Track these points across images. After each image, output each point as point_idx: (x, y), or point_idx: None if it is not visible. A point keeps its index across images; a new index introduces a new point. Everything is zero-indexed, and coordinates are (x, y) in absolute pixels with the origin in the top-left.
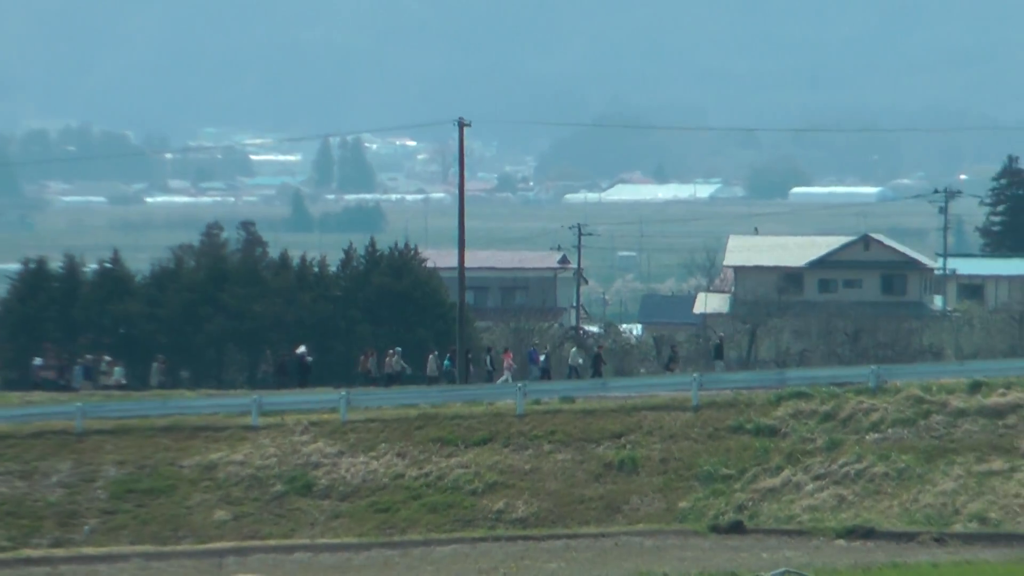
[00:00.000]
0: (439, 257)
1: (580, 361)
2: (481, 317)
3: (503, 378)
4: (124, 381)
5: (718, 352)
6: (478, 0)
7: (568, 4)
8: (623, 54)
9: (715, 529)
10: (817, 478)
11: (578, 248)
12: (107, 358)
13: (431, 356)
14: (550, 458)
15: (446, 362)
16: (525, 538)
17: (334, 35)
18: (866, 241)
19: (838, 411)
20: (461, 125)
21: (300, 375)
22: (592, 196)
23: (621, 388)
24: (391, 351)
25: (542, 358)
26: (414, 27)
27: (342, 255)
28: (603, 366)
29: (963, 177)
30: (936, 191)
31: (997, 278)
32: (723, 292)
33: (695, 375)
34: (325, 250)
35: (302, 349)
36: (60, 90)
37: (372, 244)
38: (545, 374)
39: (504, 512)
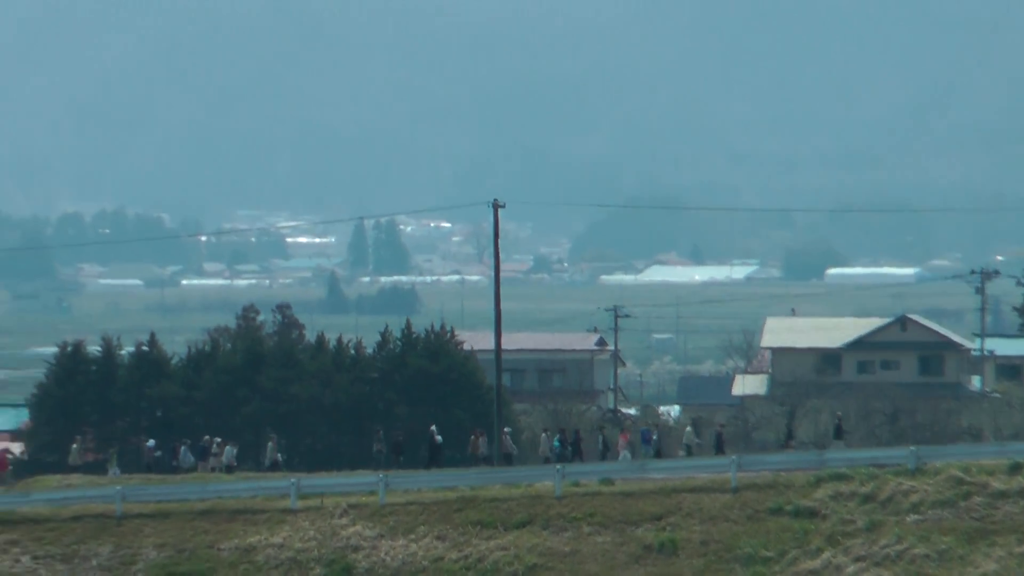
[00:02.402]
0: (475, 339)
1: (697, 440)
2: (518, 399)
3: (620, 457)
4: (235, 463)
5: (838, 432)
6: (512, 82)
7: (602, 86)
8: (657, 135)
9: None
10: (858, 560)
11: (615, 330)
12: (217, 439)
13: (543, 435)
14: (589, 540)
15: (555, 442)
16: None
17: (367, 117)
18: (903, 322)
19: (878, 492)
20: (496, 207)
21: (431, 455)
22: (628, 277)
23: (660, 470)
24: (504, 431)
25: (654, 437)
26: (447, 109)
27: (378, 337)
28: (725, 445)
29: (1000, 258)
30: (972, 272)
31: None
32: (761, 373)
33: (734, 457)
34: (361, 332)
35: (433, 428)
36: (95, 174)
37: (408, 326)
38: (658, 454)
39: None
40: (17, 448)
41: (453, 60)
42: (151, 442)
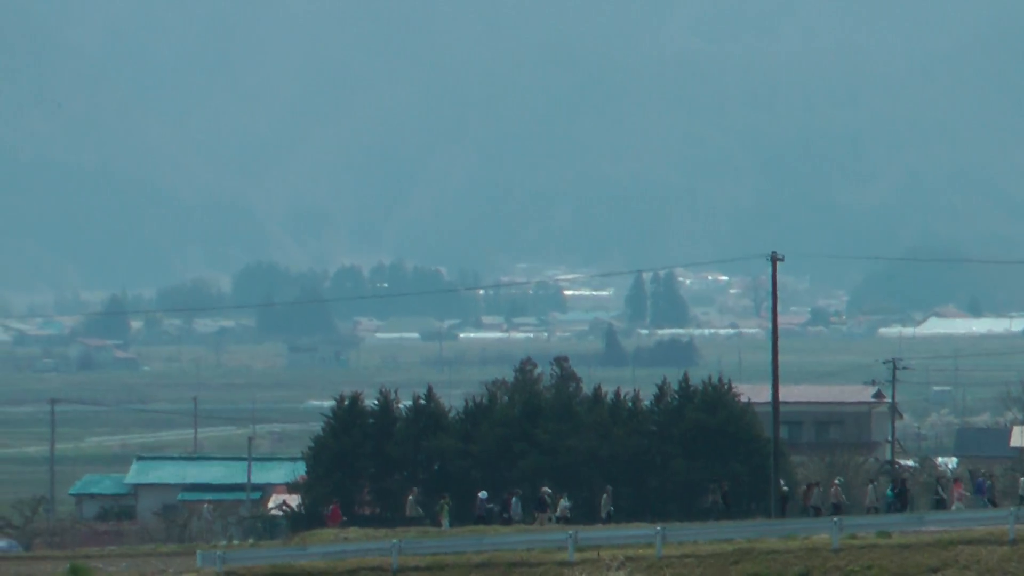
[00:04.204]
0: (753, 392)
1: None
2: (795, 451)
3: (954, 507)
4: (569, 514)
5: None
6: (790, 134)
7: (879, 137)
8: (935, 187)
9: None
10: None
11: (892, 382)
12: (547, 489)
13: (870, 486)
14: None
15: (888, 492)
16: None
17: (646, 170)
18: None
19: None
20: (774, 259)
21: (780, 505)
22: (906, 330)
23: (937, 522)
24: (835, 483)
25: (988, 485)
26: (724, 161)
27: (655, 390)
28: None
29: None
30: None
31: None
32: None
33: (1012, 509)
34: (638, 385)
35: (782, 482)
36: (373, 227)
37: (686, 378)
38: (992, 503)
39: None
40: (294, 501)
41: (732, 112)
42: (483, 494)
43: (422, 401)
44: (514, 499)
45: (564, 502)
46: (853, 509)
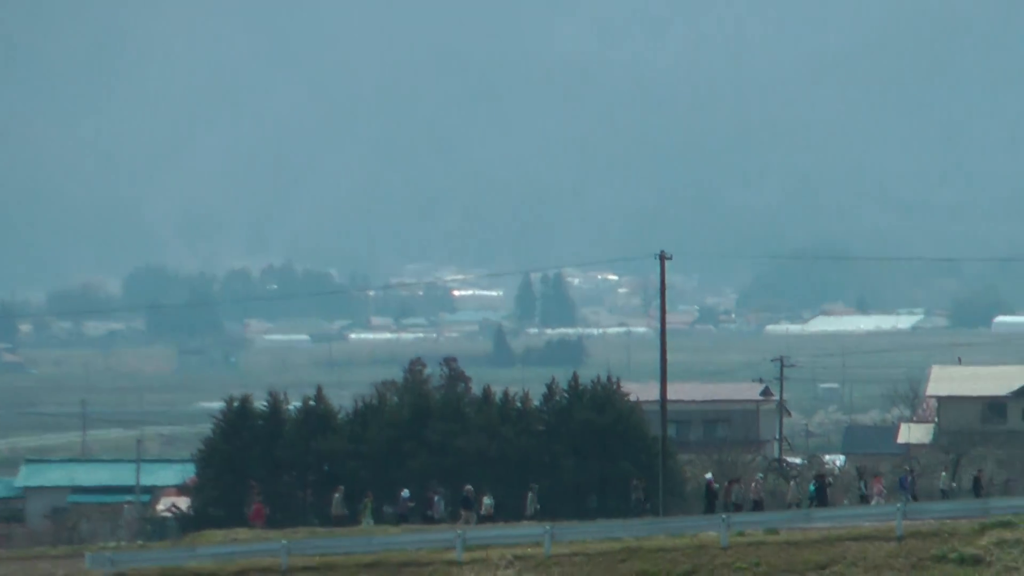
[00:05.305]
0: (641, 391)
1: (954, 485)
2: (684, 450)
3: (874, 502)
4: (493, 512)
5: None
6: (677, 134)
7: (767, 137)
8: (823, 187)
9: None
10: None
11: (780, 380)
12: (470, 487)
13: (792, 483)
14: None
15: (811, 489)
16: None
17: (534, 171)
18: None
19: None
20: (662, 259)
21: (708, 500)
22: (794, 328)
23: (824, 519)
24: (756, 479)
25: (910, 480)
26: (614, 162)
27: (544, 389)
28: (983, 491)
29: None
30: None
31: None
32: (926, 422)
33: (899, 505)
34: (527, 385)
35: (709, 476)
36: (262, 229)
37: (575, 378)
38: (914, 498)
39: None
40: (183, 503)
41: (621, 113)
42: (406, 492)
43: (311, 402)
44: (436, 497)
45: (487, 500)
46: (774, 505)
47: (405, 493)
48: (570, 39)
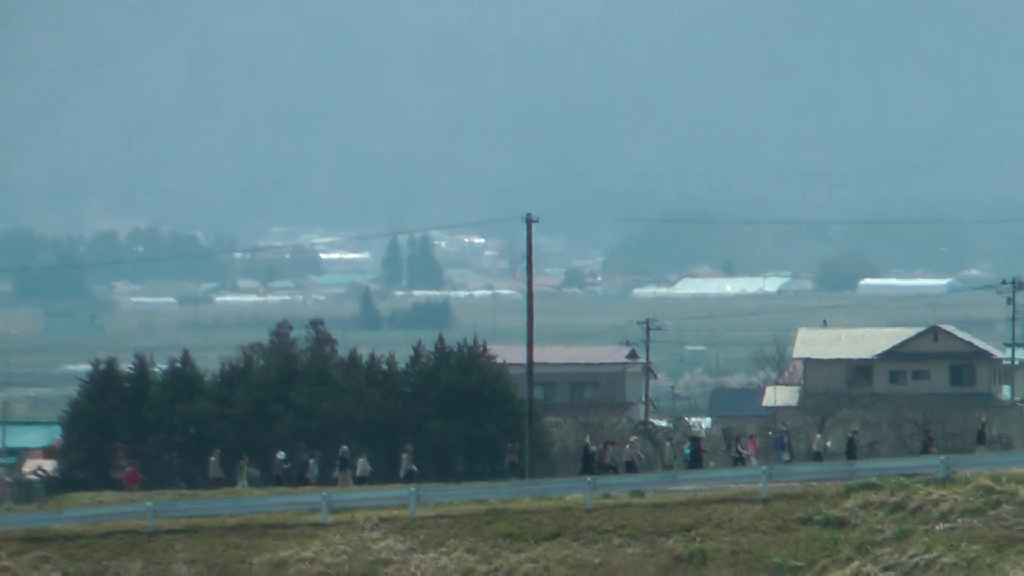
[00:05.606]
0: (508, 353)
1: (828, 445)
2: (550, 412)
3: (751, 463)
4: (368, 473)
5: (980, 437)
6: (547, 100)
7: (636, 101)
8: (691, 151)
9: None
10: (887, 569)
11: (646, 343)
12: (345, 448)
13: (668, 444)
14: (619, 552)
15: (686, 451)
16: None
17: (404, 135)
18: (935, 333)
19: (907, 502)
20: (529, 221)
21: (585, 463)
22: (660, 290)
23: (690, 481)
24: (631, 440)
25: (786, 441)
26: (483, 127)
27: (411, 352)
28: (857, 453)
29: None
30: (1004, 282)
31: None
32: (792, 385)
33: (764, 468)
34: (394, 347)
35: (588, 439)
36: (129, 192)
37: (441, 341)
38: (792, 459)
39: None
40: (49, 466)
41: (489, 78)
42: (282, 454)
43: (178, 365)
44: (311, 460)
45: (363, 462)
46: (645, 468)
47: (281, 455)
48: (439, 5)
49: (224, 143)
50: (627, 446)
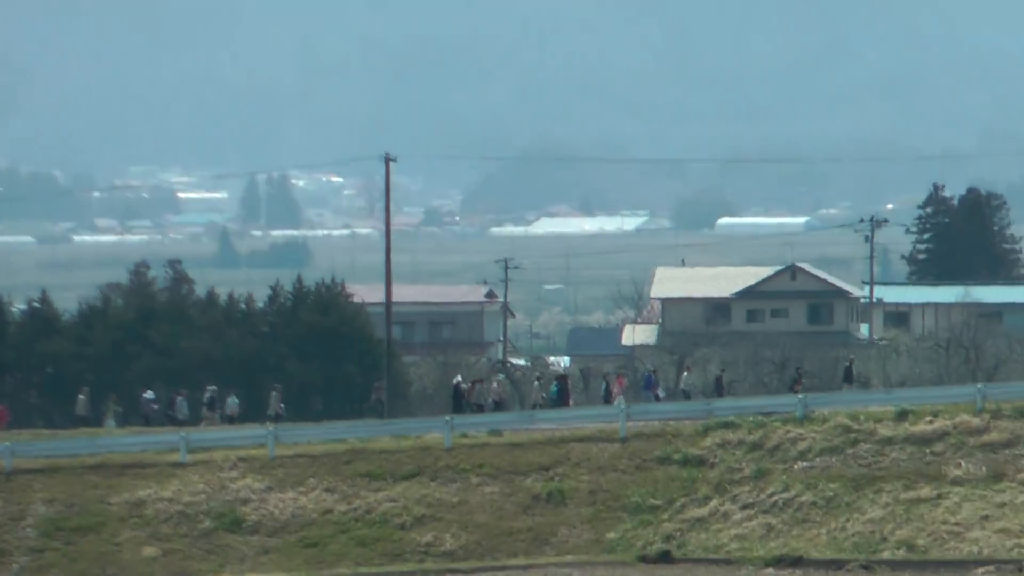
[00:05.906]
0: (366, 292)
1: (692, 384)
2: (408, 352)
3: (616, 402)
4: (237, 413)
5: (848, 375)
6: (404, 37)
7: (494, 40)
8: (549, 89)
9: (644, 559)
10: (745, 507)
11: (505, 282)
12: (213, 387)
13: (535, 383)
14: (478, 491)
15: (553, 389)
16: (453, 571)
17: (260, 72)
18: (792, 271)
19: (765, 441)
20: (387, 160)
21: (455, 402)
22: (518, 230)
23: (548, 420)
24: (497, 379)
25: (655, 379)
26: (340, 64)
27: (269, 292)
28: (724, 391)
29: (889, 207)
30: (862, 220)
31: (923, 306)
32: (651, 324)
33: (623, 407)
34: (252, 287)
35: (458, 378)
36: None
37: (299, 280)
38: (657, 399)
39: (432, 545)
40: None
41: (348, 16)
42: (149, 394)
43: (36, 305)
44: (179, 399)
45: (232, 401)
46: (517, 406)
47: (149, 394)
48: None
49: (80, 79)
50: (494, 384)
